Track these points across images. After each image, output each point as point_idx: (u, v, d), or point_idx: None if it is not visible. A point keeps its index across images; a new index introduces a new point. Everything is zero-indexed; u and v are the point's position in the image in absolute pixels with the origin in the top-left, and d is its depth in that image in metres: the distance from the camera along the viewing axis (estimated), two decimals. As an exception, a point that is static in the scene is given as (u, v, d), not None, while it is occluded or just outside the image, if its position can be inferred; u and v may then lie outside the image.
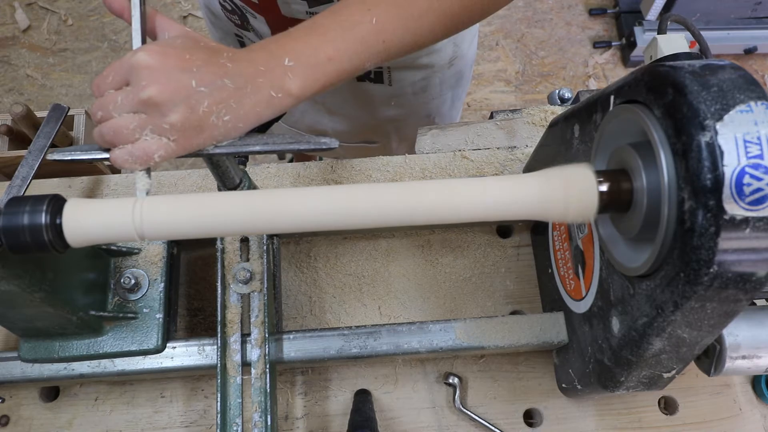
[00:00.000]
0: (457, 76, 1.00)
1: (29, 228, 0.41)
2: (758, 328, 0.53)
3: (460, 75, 1.01)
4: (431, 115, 1.04)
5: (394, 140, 1.10)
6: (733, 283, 0.38)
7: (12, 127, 0.87)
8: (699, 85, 0.38)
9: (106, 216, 0.42)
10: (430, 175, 0.77)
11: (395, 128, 1.06)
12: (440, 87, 0.98)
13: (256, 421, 0.59)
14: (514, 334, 0.64)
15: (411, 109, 1.00)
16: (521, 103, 2.17)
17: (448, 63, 0.93)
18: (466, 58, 0.98)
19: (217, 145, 0.47)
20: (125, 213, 0.42)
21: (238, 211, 0.43)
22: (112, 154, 0.46)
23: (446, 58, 0.92)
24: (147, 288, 0.64)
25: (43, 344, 0.61)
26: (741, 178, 0.36)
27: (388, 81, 0.91)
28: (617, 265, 0.49)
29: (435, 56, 0.90)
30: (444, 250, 0.76)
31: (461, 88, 1.06)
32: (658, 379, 0.52)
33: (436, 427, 0.67)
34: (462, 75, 1.02)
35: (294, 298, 0.74)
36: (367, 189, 0.44)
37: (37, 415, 0.67)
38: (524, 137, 0.81)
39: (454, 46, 0.91)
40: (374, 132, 1.05)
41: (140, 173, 0.47)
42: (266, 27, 0.79)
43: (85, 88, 2.15)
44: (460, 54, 0.94)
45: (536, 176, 0.45)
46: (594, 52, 2.28)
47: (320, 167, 0.78)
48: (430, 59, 0.90)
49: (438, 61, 0.91)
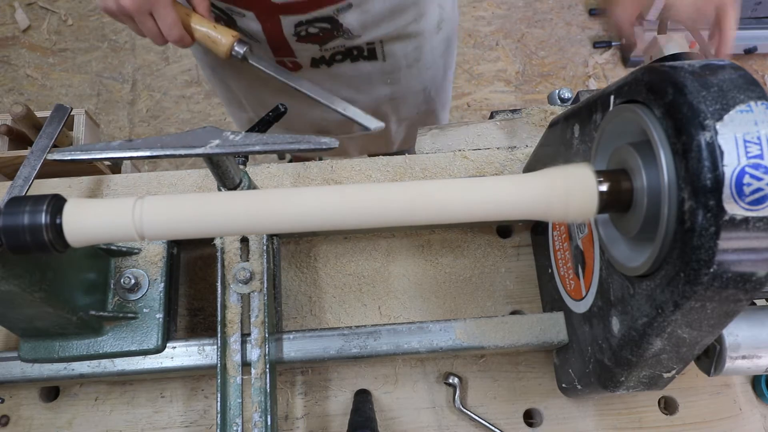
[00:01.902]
0: (447, 42, 1.02)
1: (29, 228, 0.41)
2: (758, 328, 0.53)
3: (448, 41, 1.02)
4: (426, 88, 1.05)
5: (393, 122, 1.11)
6: (733, 283, 0.38)
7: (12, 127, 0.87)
8: (699, 85, 0.38)
9: (106, 216, 0.42)
10: (430, 175, 0.77)
11: (393, 108, 1.06)
12: (432, 55, 0.99)
13: (256, 421, 0.59)
14: (514, 334, 0.64)
15: (407, 85, 1.01)
16: (521, 103, 2.17)
17: (437, 27, 0.95)
18: (451, 20, 0.99)
19: (217, 145, 0.47)
20: (125, 213, 0.42)
21: (238, 211, 0.43)
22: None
23: (434, 21, 0.93)
24: (147, 288, 0.64)
25: (43, 344, 0.61)
26: (741, 178, 0.36)
27: (382, 56, 0.92)
28: (617, 265, 0.49)
29: (423, 21, 0.91)
30: (444, 250, 0.76)
31: (450, 56, 1.08)
32: (658, 379, 0.52)
33: (436, 427, 0.67)
34: (450, 41, 1.04)
35: (294, 298, 0.74)
36: (367, 189, 0.44)
37: (37, 415, 0.67)
38: (524, 137, 0.81)
39: (440, 8, 0.93)
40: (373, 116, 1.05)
41: None
42: (256, 23, 0.79)
43: (85, 88, 2.15)
44: (446, 16, 0.96)
45: (536, 176, 0.45)
46: (594, 52, 2.28)
47: (320, 167, 0.78)
48: (419, 26, 0.91)
49: (427, 27, 0.93)
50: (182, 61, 2.19)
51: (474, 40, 2.28)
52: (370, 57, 0.92)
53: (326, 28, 0.81)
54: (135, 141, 0.49)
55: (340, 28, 0.82)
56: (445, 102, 1.17)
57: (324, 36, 0.83)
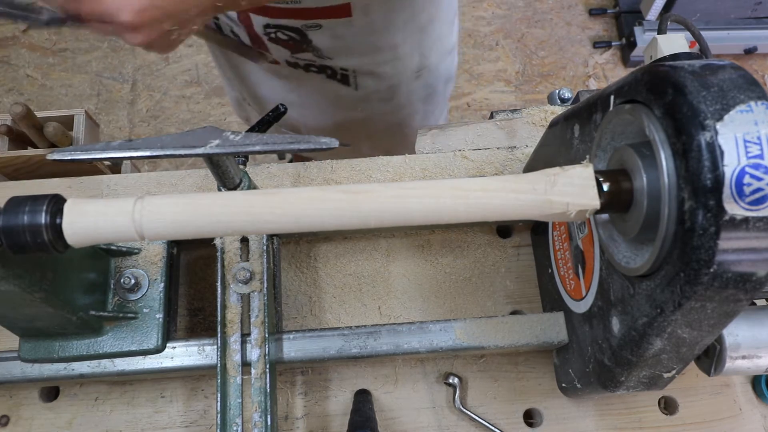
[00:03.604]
0: (428, 90, 0.99)
1: (29, 228, 0.41)
2: (758, 328, 0.53)
3: (431, 90, 0.99)
4: (402, 125, 1.03)
5: (366, 145, 1.08)
6: (733, 283, 0.38)
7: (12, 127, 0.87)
8: (699, 85, 0.38)
9: (106, 216, 0.42)
10: (430, 175, 0.77)
11: (366, 133, 1.04)
12: (408, 97, 0.96)
13: (256, 421, 0.59)
14: (514, 334, 0.64)
15: (379, 116, 0.99)
16: (521, 103, 2.17)
17: (415, 73, 0.92)
18: (436, 72, 0.96)
19: (217, 145, 0.47)
20: (125, 213, 0.42)
21: (238, 211, 0.43)
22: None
23: (411, 67, 0.91)
24: (147, 288, 0.64)
25: (43, 344, 0.61)
26: (741, 178, 0.36)
27: (355, 85, 0.91)
28: (617, 265, 0.49)
29: (399, 64, 0.89)
30: (444, 250, 0.76)
31: (434, 105, 1.04)
32: (658, 379, 0.52)
33: (436, 427, 0.67)
34: (434, 90, 1.00)
35: (294, 298, 0.74)
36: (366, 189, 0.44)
37: (37, 415, 0.67)
38: (524, 137, 0.81)
39: (420, 56, 0.91)
40: (345, 131, 1.04)
41: None
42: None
43: (84, 88, 2.15)
44: (428, 65, 0.93)
45: (537, 176, 0.45)
46: (594, 52, 2.28)
47: (320, 167, 0.78)
48: (394, 67, 0.89)
49: (402, 70, 0.90)
50: (182, 61, 2.19)
51: (474, 40, 2.28)
52: (343, 81, 0.91)
53: (295, 39, 0.81)
54: (135, 141, 0.49)
55: (309, 44, 0.81)
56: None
57: (294, 45, 0.82)
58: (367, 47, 0.84)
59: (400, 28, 0.83)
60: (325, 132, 1.02)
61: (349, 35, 0.80)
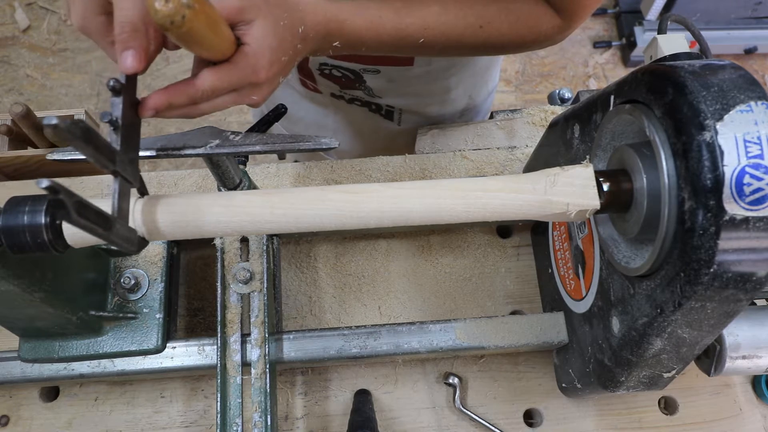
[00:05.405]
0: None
1: (29, 228, 0.41)
2: (758, 328, 0.53)
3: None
4: None
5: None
6: (733, 282, 0.38)
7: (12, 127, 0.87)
8: (699, 85, 0.38)
9: (106, 216, 0.42)
10: (430, 175, 0.77)
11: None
12: None
13: (256, 421, 0.59)
14: (514, 334, 0.64)
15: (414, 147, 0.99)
16: (521, 103, 2.17)
17: (459, 113, 0.92)
18: (478, 110, 0.96)
19: (217, 145, 0.47)
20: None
21: (239, 211, 0.43)
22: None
23: (458, 108, 0.90)
24: (147, 288, 0.64)
25: (43, 344, 0.61)
26: (741, 178, 0.36)
27: (398, 120, 0.90)
28: (617, 265, 0.49)
29: (448, 106, 0.88)
30: (444, 250, 0.76)
31: None
32: (658, 379, 0.51)
33: (436, 427, 0.67)
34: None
35: (294, 298, 0.74)
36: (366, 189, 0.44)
37: (37, 415, 0.67)
38: (524, 137, 0.81)
39: (469, 99, 0.90)
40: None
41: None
42: None
43: (84, 88, 2.15)
44: (473, 106, 0.93)
45: (537, 176, 0.45)
46: (594, 52, 2.28)
47: (320, 167, 0.78)
48: (442, 108, 0.88)
49: (449, 112, 0.90)
50: (182, 61, 2.19)
51: (474, 40, 2.28)
52: (387, 117, 0.90)
53: (349, 77, 0.80)
54: (135, 141, 0.49)
55: (363, 84, 0.81)
56: None
57: (346, 82, 0.82)
58: (421, 90, 0.84)
59: (455, 74, 0.83)
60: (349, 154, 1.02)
61: (404, 80, 0.80)
